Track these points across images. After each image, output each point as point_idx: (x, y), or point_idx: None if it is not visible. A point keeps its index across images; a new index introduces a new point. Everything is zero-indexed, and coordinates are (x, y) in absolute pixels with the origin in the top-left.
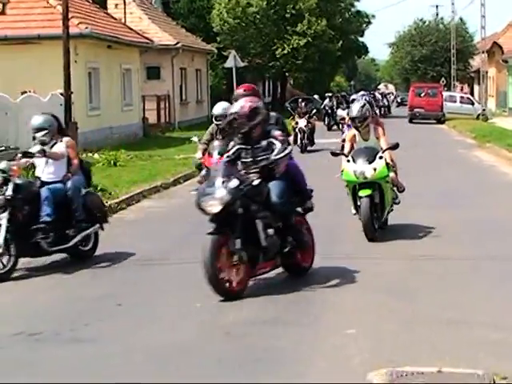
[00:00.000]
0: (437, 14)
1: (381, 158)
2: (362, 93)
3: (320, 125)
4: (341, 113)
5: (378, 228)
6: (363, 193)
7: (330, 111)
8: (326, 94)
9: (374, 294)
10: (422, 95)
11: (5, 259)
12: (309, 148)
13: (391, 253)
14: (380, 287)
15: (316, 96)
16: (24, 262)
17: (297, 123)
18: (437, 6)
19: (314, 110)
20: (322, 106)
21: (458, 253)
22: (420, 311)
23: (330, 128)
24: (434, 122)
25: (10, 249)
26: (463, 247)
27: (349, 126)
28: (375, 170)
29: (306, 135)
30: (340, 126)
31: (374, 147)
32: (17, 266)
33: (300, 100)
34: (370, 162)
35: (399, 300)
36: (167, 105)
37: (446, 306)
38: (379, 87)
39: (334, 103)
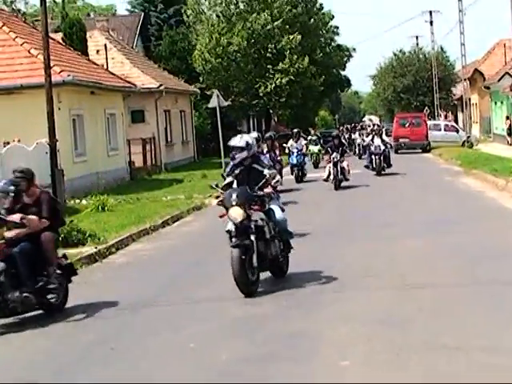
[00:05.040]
0: (417, 44)
1: None
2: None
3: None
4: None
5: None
6: None
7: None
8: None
9: (366, 324)
10: (407, 125)
11: None
12: None
13: (381, 283)
14: (372, 317)
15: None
16: None
17: None
18: (417, 37)
19: None
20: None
21: (449, 280)
22: (413, 339)
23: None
24: (420, 151)
25: None
26: (454, 274)
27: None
28: None
29: None
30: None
31: None
32: None
33: None
34: None
35: (392, 329)
36: (153, 147)
37: (440, 333)
38: (364, 119)
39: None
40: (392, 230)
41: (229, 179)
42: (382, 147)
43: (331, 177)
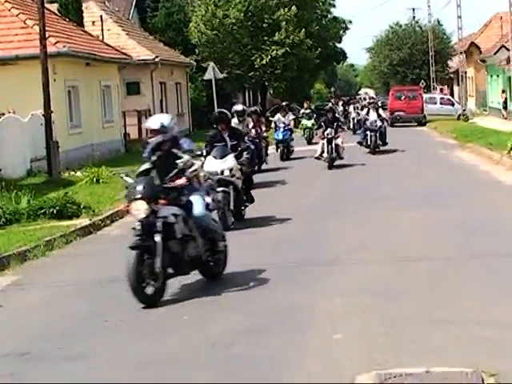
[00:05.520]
0: (413, 17)
1: None
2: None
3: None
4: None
5: None
6: None
7: None
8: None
9: (360, 297)
10: (402, 98)
11: None
12: None
13: (376, 256)
14: (366, 290)
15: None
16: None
17: None
18: (413, 10)
19: None
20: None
21: (444, 253)
22: (408, 312)
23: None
24: (415, 124)
25: None
26: (449, 247)
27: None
28: None
29: None
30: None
31: None
32: None
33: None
34: None
35: (386, 302)
36: None
37: (435, 306)
38: (360, 93)
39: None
40: (386, 204)
41: (144, 166)
42: (379, 123)
43: (324, 154)
